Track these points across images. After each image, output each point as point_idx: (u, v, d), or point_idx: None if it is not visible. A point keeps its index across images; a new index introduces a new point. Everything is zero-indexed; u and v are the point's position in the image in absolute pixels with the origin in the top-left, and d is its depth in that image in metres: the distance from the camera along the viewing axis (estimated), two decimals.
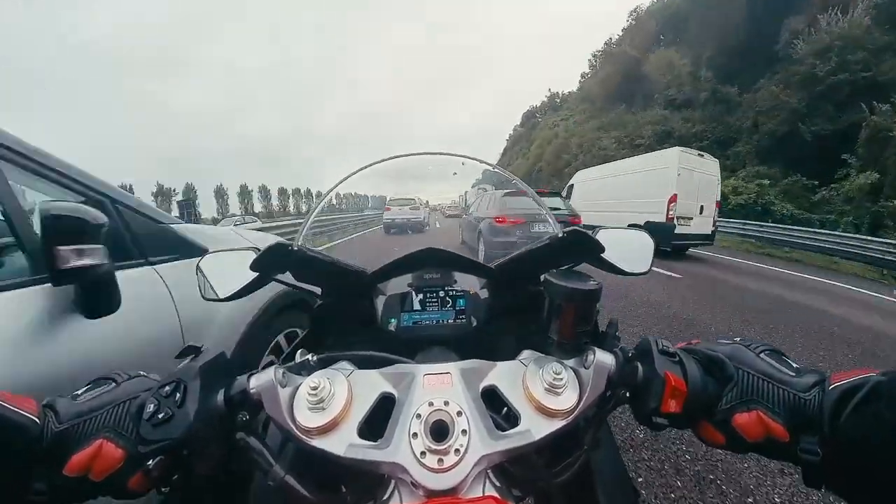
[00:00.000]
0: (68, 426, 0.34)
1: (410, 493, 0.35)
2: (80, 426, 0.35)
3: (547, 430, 0.38)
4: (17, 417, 0.32)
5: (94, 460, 0.33)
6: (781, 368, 0.39)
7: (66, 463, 0.33)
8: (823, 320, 4.67)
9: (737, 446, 0.38)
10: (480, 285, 0.77)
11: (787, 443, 0.35)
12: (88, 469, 0.33)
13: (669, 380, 0.39)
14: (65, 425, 0.34)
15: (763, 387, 0.37)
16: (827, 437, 0.33)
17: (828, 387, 0.34)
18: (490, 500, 0.32)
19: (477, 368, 0.45)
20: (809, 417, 0.34)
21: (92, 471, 0.33)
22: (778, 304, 5.41)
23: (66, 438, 0.34)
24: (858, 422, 0.31)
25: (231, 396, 0.40)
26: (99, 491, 0.35)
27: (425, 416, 0.38)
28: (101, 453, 0.34)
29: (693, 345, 0.45)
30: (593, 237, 0.55)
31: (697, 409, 0.39)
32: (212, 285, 0.63)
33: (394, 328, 0.71)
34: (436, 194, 2.03)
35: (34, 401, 0.35)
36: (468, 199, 4.65)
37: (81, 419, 0.35)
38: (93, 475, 0.34)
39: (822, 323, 4.55)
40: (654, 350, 0.42)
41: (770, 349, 0.42)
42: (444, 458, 0.35)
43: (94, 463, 0.33)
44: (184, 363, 0.41)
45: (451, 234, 2.28)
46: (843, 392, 0.33)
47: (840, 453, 0.32)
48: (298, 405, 0.39)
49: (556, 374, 0.41)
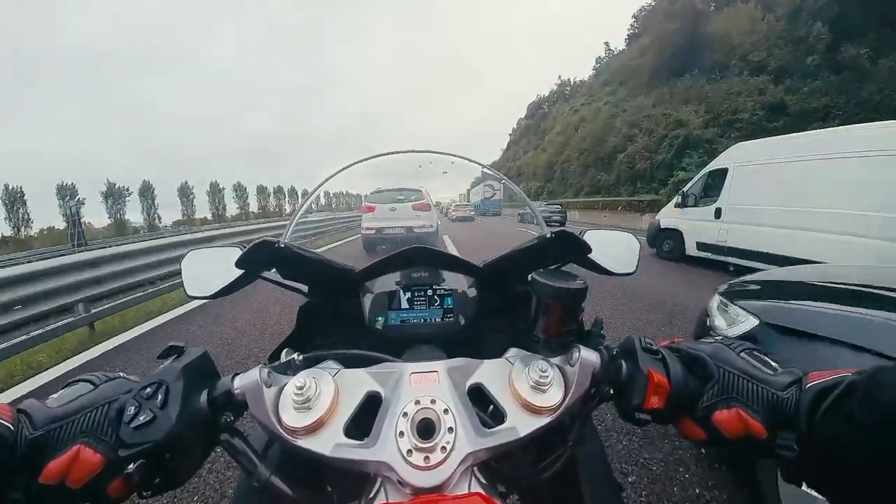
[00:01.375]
0: (43, 432, 0.32)
1: (397, 490, 0.35)
2: (55, 431, 0.33)
3: (533, 426, 0.39)
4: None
5: (71, 467, 0.32)
6: (761, 367, 0.39)
7: (42, 471, 0.31)
8: None
9: (716, 441, 0.39)
10: (468, 284, 0.74)
11: (765, 439, 0.36)
12: (65, 476, 0.32)
13: (652, 377, 0.39)
14: (40, 431, 0.32)
15: (743, 385, 0.38)
16: (803, 434, 0.34)
17: (805, 385, 0.35)
18: (476, 496, 0.32)
19: (464, 367, 0.45)
20: (786, 415, 0.35)
21: (69, 478, 0.32)
22: None
23: (41, 445, 0.32)
24: (833, 420, 0.32)
25: (215, 397, 0.39)
26: (77, 499, 0.33)
27: (412, 415, 0.37)
28: (79, 459, 0.32)
29: (676, 343, 0.45)
30: (580, 237, 0.56)
31: (679, 406, 0.40)
32: (196, 282, 0.61)
33: (381, 326, 0.70)
34: (436, 194, 2.52)
35: (7, 406, 0.33)
36: (470, 198, 9.62)
37: (57, 424, 0.33)
38: (70, 482, 0.32)
39: None
40: (638, 348, 0.42)
41: (750, 349, 0.42)
42: (431, 456, 0.35)
43: (72, 469, 0.32)
44: (166, 363, 0.40)
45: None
46: (818, 391, 0.34)
47: (816, 450, 0.33)
48: (284, 405, 0.38)
49: (541, 372, 0.41)
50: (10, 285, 3.35)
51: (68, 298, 3.81)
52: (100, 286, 4.24)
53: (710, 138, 24.50)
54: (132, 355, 3.32)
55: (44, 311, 3.57)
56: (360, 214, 7.59)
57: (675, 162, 25.35)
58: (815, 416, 0.33)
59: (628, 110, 34.69)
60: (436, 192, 3.25)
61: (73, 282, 3.90)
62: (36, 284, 3.55)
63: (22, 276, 3.48)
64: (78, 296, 3.91)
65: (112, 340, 3.69)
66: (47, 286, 3.63)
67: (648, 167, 27.73)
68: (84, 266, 4.13)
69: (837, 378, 0.34)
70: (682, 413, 0.40)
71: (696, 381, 0.40)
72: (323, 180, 0.75)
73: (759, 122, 23.17)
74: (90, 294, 4.06)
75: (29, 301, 3.46)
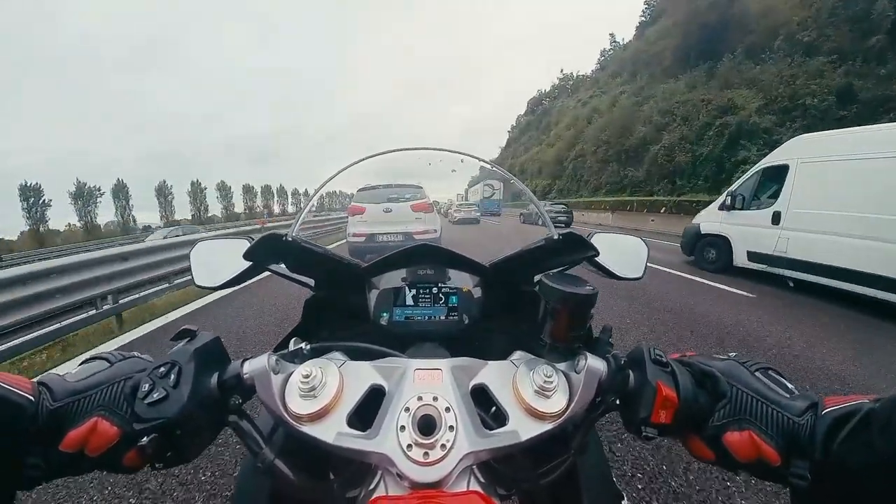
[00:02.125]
0: (62, 404, 0.35)
1: (396, 484, 0.36)
2: (74, 404, 0.35)
3: (534, 431, 0.39)
4: (12, 396, 0.32)
5: (89, 437, 0.34)
6: (776, 389, 0.38)
7: (62, 439, 0.34)
8: None
9: (726, 464, 0.38)
10: (473, 283, 0.75)
11: (778, 466, 0.35)
12: (84, 445, 0.34)
13: (661, 389, 0.38)
14: (59, 403, 0.34)
15: (756, 406, 0.37)
16: (818, 463, 0.33)
17: (821, 412, 0.34)
18: (473, 495, 0.33)
19: (468, 366, 0.45)
20: (801, 442, 0.34)
21: (87, 447, 0.34)
22: None
23: (61, 416, 0.34)
24: (850, 449, 0.31)
25: (225, 380, 0.41)
26: (94, 466, 0.35)
27: (413, 410, 0.38)
28: (97, 430, 0.34)
29: (688, 357, 0.44)
30: (588, 240, 0.55)
31: (688, 422, 0.39)
32: (204, 273, 0.62)
33: (386, 322, 0.71)
34: (435, 194, 2.05)
35: (28, 379, 0.35)
36: (469, 197, 9.94)
37: (76, 397, 0.35)
38: (89, 451, 0.34)
39: None
40: (647, 359, 0.41)
41: (765, 367, 0.41)
42: (430, 452, 0.35)
43: (90, 440, 0.34)
44: (178, 345, 0.41)
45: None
46: (835, 419, 0.33)
47: (831, 480, 0.32)
48: (290, 392, 0.39)
49: (546, 377, 0.41)
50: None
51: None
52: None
53: (767, 127, 20.85)
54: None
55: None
56: (346, 216, 6.56)
57: (725, 155, 21.67)
58: (832, 444, 0.32)
59: (657, 96, 30.65)
60: (436, 191, 3.12)
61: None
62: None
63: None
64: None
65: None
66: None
67: (689, 161, 23.97)
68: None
69: (855, 406, 0.33)
70: (691, 430, 0.39)
71: (707, 398, 0.39)
72: (328, 178, 0.75)
73: (828, 109, 19.60)
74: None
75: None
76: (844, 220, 4.59)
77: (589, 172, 36.47)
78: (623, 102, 35.90)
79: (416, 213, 4.99)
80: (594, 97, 47.24)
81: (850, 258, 4.51)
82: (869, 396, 0.33)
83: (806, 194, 5.05)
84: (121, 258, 4.38)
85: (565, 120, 50.08)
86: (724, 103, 23.93)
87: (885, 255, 4.16)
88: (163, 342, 3.40)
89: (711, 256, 6.56)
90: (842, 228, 4.61)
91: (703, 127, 24.14)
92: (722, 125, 22.67)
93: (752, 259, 5.82)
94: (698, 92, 26.94)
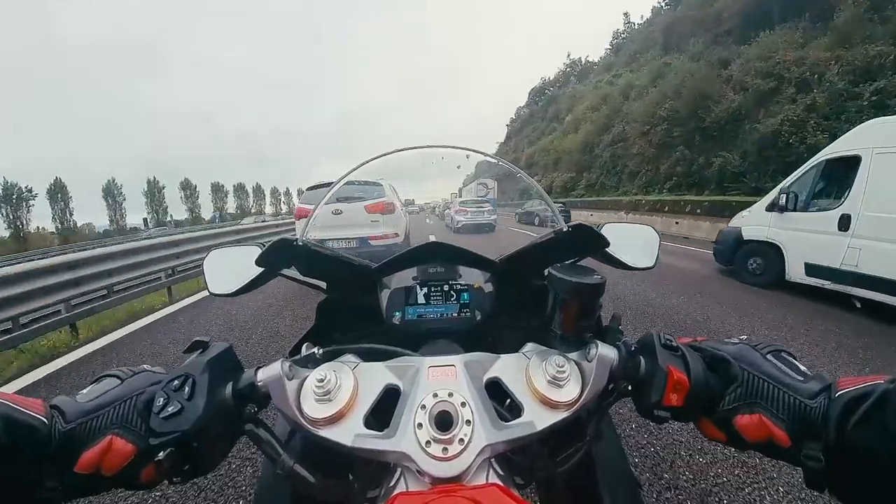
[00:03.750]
0: (75, 425, 0.34)
1: (416, 480, 0.36)
2: (87, 424, 0.35)
3: (549, 421, 0.39)
4: (26, 419, 0.32)
5: (104, 456, 0.34)
6: (788, 372, 0.38)
7: (77, 461, 0.33)
8: None
9: (738, 445, 0.38)
10: (484, 279, 0.75)
11: (790, 448, 0.35)
12: (99, 465, 0.34)
13: (672, 373, 0.39)
14: (72, 424, 0.34)
15: (768, 390, 0.37)
16: (832, 444, 0.32)
17: (834, 394, 0.34)
18: (493, 487, 0.33)
19: (481, 361, 0.45)
20: (814, 425, 0.34)
21: (103, 466, 0.34)
22: None
23: (74, 437, 0.34)
24: (864, 431, 0.31)
25: (239, 389, 0.41)
26: (111, 484, 0.35)
27: (430, 407, 0.38)
28: (112, 449, 0.34)
29: (698, 342, 0.44)
30: (598, 231, 0.55)
31: (699, 405, 0.39)
32: (218, 281, 0.63)
33: (398, 322, 0.71)
34: (423, 191, 1.69)
35: (40, 401, 0.35)
36: (462, 196, 5.13)
37: (88, 417, 0.35)
38: (104, 470, 0.34)
39: None
40: (657, 344, 0.42)
41: (778, 350, 0.41)
42: (449, 448, 0.36)
43: (105, 459, 0.34)
44: (191, 358, 0.41)
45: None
46: (849, 400, 0.33)
47: (845, 461, 0.32)
48: (305, 397, 0.40)
49: (558, 367, 0.42)
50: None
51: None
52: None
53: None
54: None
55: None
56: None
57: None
58: (846, 426, 0.32)
59: (748, 56, 22.25)
60: (436, 191, 2.49)
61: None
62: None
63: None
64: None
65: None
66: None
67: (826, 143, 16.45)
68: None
69: (869, 386, 0.32)
70: (703, 413, 0.40)
71: (719, 382, 0.39)
72: (336, 181, 0.76)
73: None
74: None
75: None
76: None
77: (638, 161, 27.81)
78: (686, 67, 26.27)
79: (372, 215, 4.48)
80: (622, 74, 39.98)
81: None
82: (883, 377, 0.33)
83: (883, 193, 4.01)
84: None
85: (585, 102, 42.54)
86: (864, 63, 16.72)
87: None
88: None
89: (756, 267, 5.50)
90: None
91: (834, 95, 16.87)
92: (881, 92, 15.35)
93: (812, 273, 4.74)
94: (815, 49, 19.57)
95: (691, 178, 22.52)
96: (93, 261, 4.61)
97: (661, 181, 24.93)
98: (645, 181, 26.58)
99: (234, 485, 1.77)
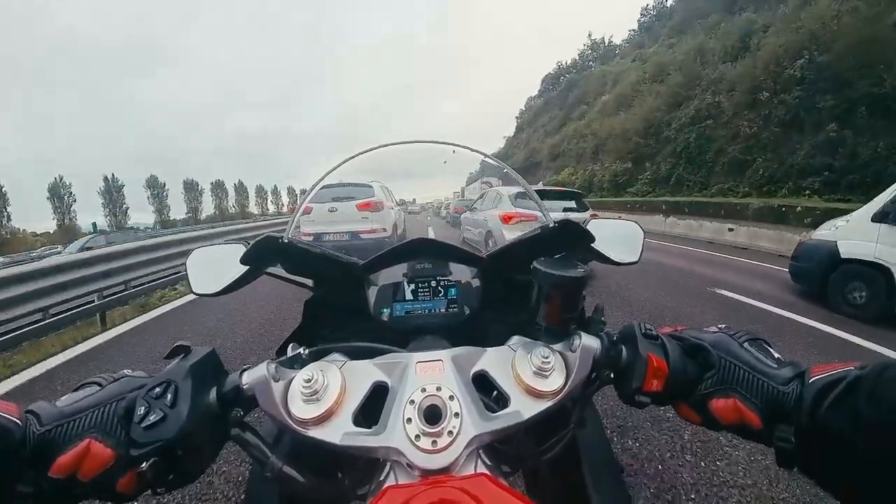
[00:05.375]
0: (51, 428, 0.33)
1: (406, 473, 0.37)
2: (64, 427, 0.34)
3: (535, 410, 0.40)
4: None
5: (81, 461, 0.33)
6: (763, 359, 0.40)
7: (52, 465, 0.32)
8: None
9: (712, 426, 0.40)
10: (472, 275, 0.75)
11: (762, 430, 0.37)
12: (76, 470, 0.33)
13: (652, 361, 0.41)
14: (47, 427, 0.33)
15: (743, 376, 0.38)
16: (803, 427, 0.34)
17: (807, 380, 0.36)
18: (482, 476, 0.33)
19: (468, 355, 0.46)
20: (786, 409, 0.35)
21: (80, 471, 0.33)
22: None
23: (49, 441, 0.33)
24: (836, 415, 0.32)
25: (224, 393, 0.41)
26: (88, 493, 0.34)
27: (418, 402, 0.39)
28: (90, 453, 0.33)
29: (679, 331, 0.46)
30: (584, 227, 0.56)
31: (678, 390, 0.41)
32: (202, 280, 0.62)
33: (386, 318, 0.71)
34: (425, 190, 1.61)
35: (15, 405, 0.34)
36: (465, 196, 5.12)
37: (65, 420, 0.34)
38: (81, 475, 0.33)
39: None
40: (638, 333, 0.43)
41: (754, 338, 0.43)
42: (438, 440, 0.36)
43: (82, 463, 0.33)
44: (173, 363, 0.41)
45: None
46: (822, 386, 0.34)
47: (816, 443, 0.34)
48: (293, 398, 0.40)
49: (543, 358, 0.43)
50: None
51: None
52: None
53: None
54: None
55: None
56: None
57: None
58: (819, 410, 0.33)
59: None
60: (434, 189, 2.15)
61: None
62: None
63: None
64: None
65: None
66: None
67: None
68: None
69: (841, 373, 0.34)
70: (680, 397, 0.42)
71: (696, 368, 0.41)
72: (324, 174, 0.73)
73: None
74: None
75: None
76: None
77: (743, 147, 16.95)
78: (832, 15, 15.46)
79: (362, 213, 4.94)
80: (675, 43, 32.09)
81: None
82: (855, 364, 0.34)
83: None
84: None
85: (632, 75, 34.40)
86: None
87: None
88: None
89: (858, 296, 4.23)
90: None
91: None
92: None
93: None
94: None
95: (854, 172, 13.99)
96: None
97: (793, 176, 16.24)
98: (763, 176, 17.77)
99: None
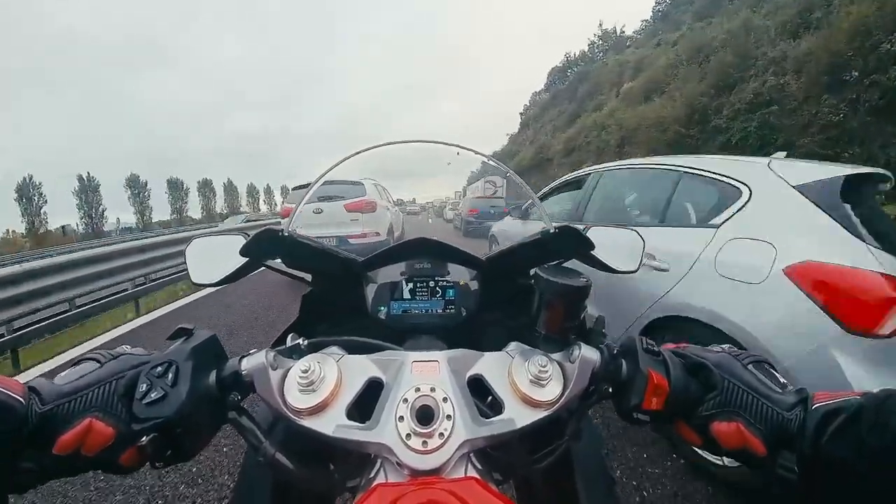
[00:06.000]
0: (53, 406, 0.34)
1: (395, 472, 0.37)
2: (65, 406, 0.34)
3: (529, 419, 0.40)
4: (4, 398, 0.31)
5: (83, 439, 0.33)
6: (767, 383, 0.39)
7: (55, 443, 0.33)
8: None
9: (712, 449, 0.39)
10: (470, 277, 0.75)
11: (765, 457, 0.35)
12: (78, 448, 0.33)
13: (652, 377, 0.40)
14: (49, 406, 0.33)
15: (746, 399, 0.37)
16: (806, 456, 0.33)
17: (811, 406, 0.35)
18: (471, 480, 0.33)
19: (465, 357, 0.46)
20: (790, 436, 0.35)
21: (82, 449, 0.34)
22: None
23: (51, 420, 0.33)
24: (839, 444, 0.32)
25: (223, 377, 0.41)
26: (89, 466, 0.35)
27: (412, 401, 0.39)
28: (91, 432, 0.34)
29: (682, 348, 0.45)
30: (584, 234, 0.55)
31: (678, 410, 0.40)
32: (201, 270, 0.62)
33: (383, 316, 0.71)
34: (425, 190, 1.77)
35: (18, 382, 0.34)
36: (467, 195, 4.96)
37: (66, 399, 0.34)
38: (84, 453, 0.34)
39: None
40: (640, 348, 0.42)
41: (759, 361, 0.42)
42: (429, 441, 0.36)
43: (84, 441, 0.33)
44: (175, 344, 0.41)
45: None
46: (825, 413, 0.33)
47: (819, 473, 0.33)
48: (289, 387, 0.40)
49: (541, 367, 0.42)
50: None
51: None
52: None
53: None
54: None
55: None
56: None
57: None
58: (821, 438, 0.32)
59: None
60: (429, 190, 1.58)
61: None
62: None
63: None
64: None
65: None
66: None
67: None
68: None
69: (845, 401, 0.33)
70: (681, 417, 0.40)
71: (698, 388, 0.40)
72: (324, 171, 0.73)
73: None
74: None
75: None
76: None
77: (822, 137, 11.95)
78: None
79: (352, 214, 4.46)
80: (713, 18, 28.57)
81: None
82: (859, 392, 0.34)
83: None
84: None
85: (660, 62, 30.77)
86: None
87: None
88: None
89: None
90: None
91: None
92: None
93: None
94: None
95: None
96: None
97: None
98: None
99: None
